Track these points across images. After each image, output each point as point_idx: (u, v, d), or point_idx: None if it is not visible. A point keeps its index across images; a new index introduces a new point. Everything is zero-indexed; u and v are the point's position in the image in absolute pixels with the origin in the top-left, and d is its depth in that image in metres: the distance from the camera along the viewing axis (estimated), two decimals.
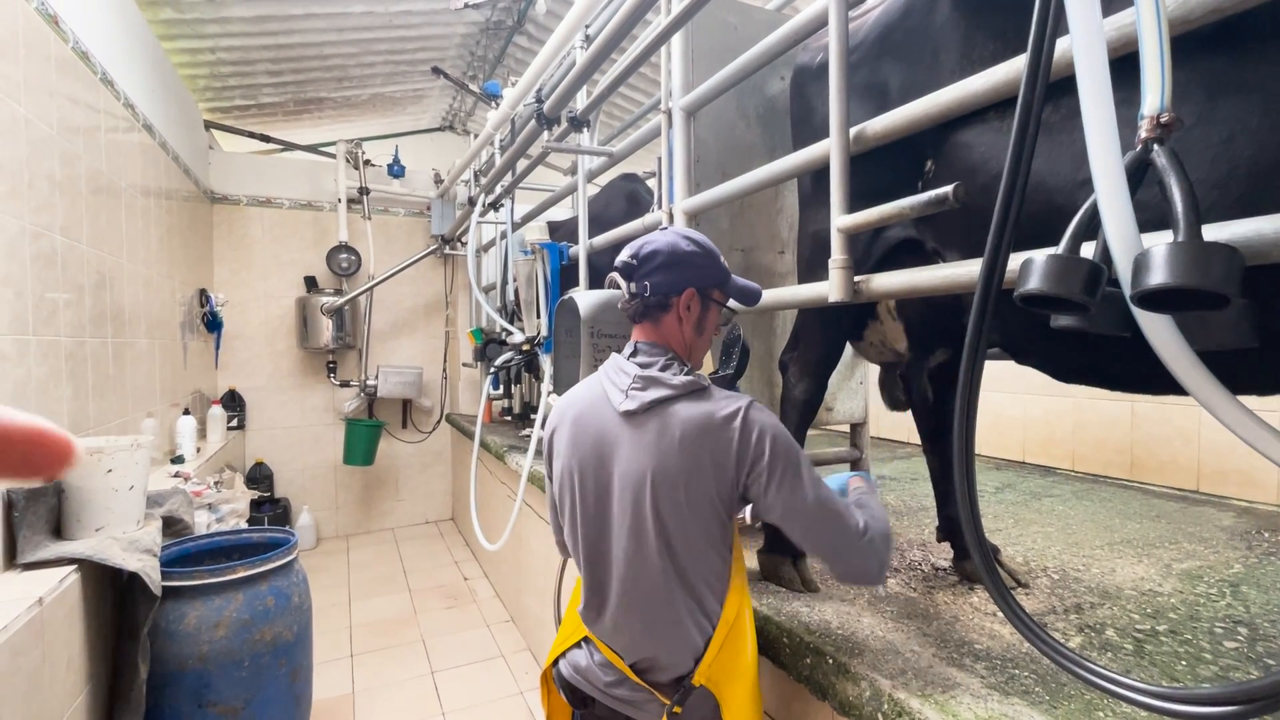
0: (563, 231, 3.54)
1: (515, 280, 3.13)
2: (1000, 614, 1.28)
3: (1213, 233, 0.70)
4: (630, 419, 1.06)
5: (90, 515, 1.78)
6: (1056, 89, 0.79)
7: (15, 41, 1.74)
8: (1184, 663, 1.13)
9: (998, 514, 2.17)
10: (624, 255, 1.12)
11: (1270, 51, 0.73)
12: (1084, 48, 0.68)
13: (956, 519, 1.54)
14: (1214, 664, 1.13)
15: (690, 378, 1.07)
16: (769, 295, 1.44)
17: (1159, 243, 0.60)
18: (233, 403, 4.38)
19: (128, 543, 1.78)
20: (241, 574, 1.94)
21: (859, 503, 1.13)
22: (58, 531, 1.76)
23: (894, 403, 1.84)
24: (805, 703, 1.20)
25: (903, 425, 3.75)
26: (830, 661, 1.12)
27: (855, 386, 2.19)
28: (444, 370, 5.24)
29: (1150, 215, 0.69)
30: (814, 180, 1.52)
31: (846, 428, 2.30)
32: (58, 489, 1.75)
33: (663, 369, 1.08)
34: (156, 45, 3.30)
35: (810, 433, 3.68)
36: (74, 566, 1.61)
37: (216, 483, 2.83)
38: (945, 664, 1.10)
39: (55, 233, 1.94)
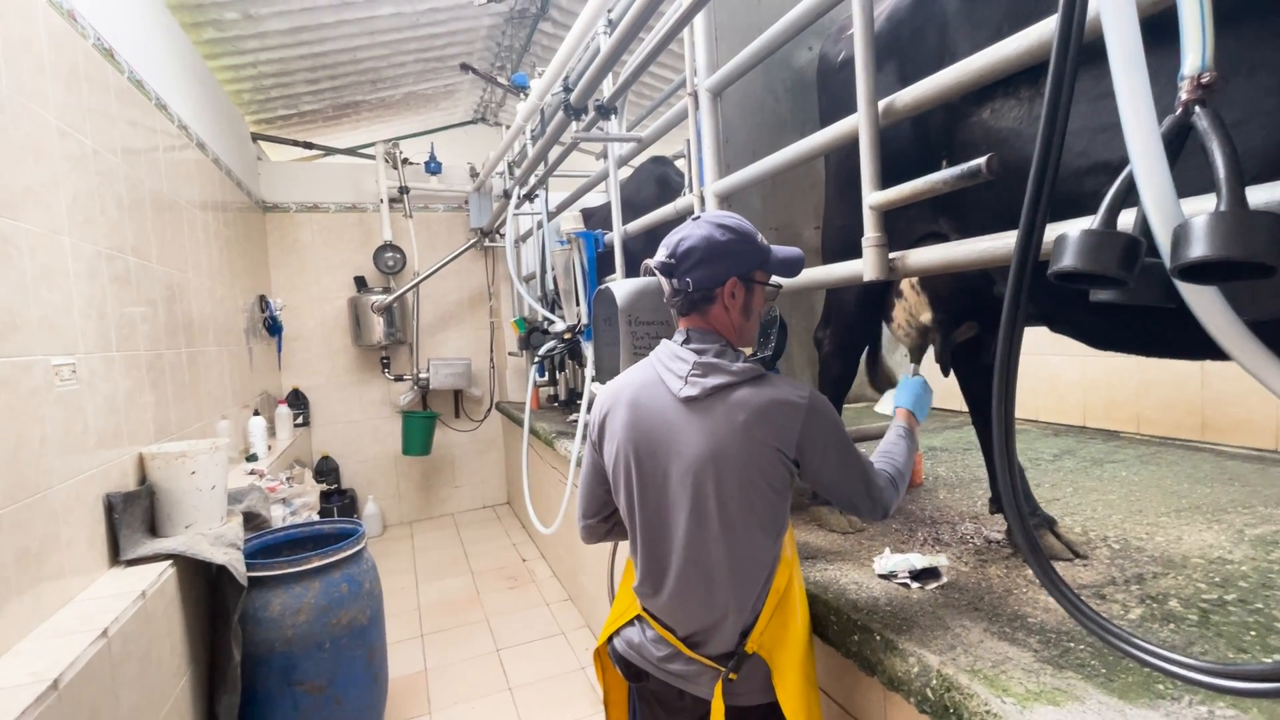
0: (597, 218, 3.56)
1: (553, 270, 3.18)
2: None
3: (1263, 194, 0.67)
4: (691, 405, 1.10)
5: (180, 514, 1.94)
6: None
7: (78, 76, 1.85)
8: (1253, 633, 1.10)
9: (1056, 483, 2.11)
10: (660, 255, 1.14)
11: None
12: (1111, 3, 0.65)
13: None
14: None
15: (749, 364, 1.10)
16: (804, 275, 1.43)
17: (1199, 212, 0.58)
18: (297, 401, 4.62)
19: (214, 538, 1.93)
20: (316, 564, 2.08)
21: (887, 450, 1.22)
22: (152, 530, 1.92)
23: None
24: (855, 677, 1.22)
25: (954, 395, 3.65)
26: (878, 638, 1.13)
27: (900, 361, 2.15)
28: (491, 360, 5.37)
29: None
30: (838, 186, 1.52)
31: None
32: (150, 491, 1.91)
33: (718, 355, 1.11)
34: (202, 65, 3.45)
35: (856, 406, 3.64)
36: (169, 561, 1.77)
37: (288, 478, 3.02)
38: (997, 638, 1.10)
39: (128, 254, 2.08)
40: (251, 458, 3.08)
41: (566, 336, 2.85)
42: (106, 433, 1.79)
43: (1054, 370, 3.08)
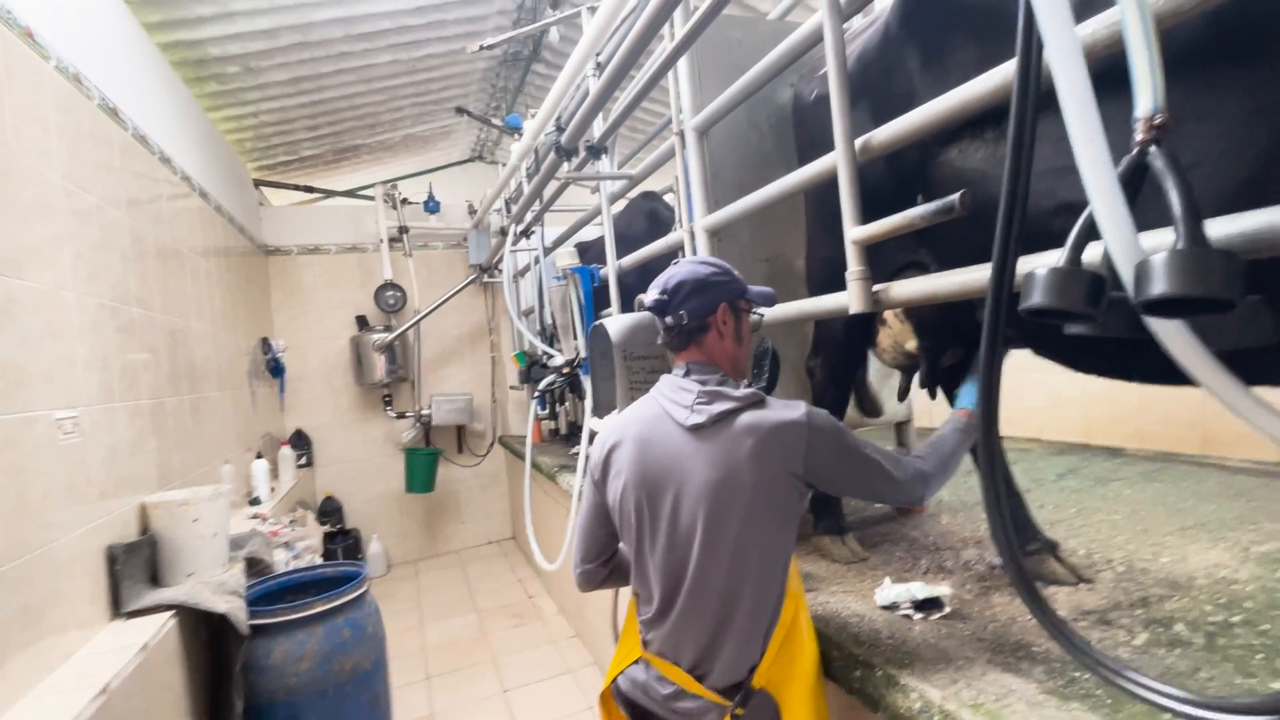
0: (592, 253, 3.61)
1: (551, 305, 3.21)
2: (1059, 612, 1.25)
3: (1222, 225, 0.69)
4: (698, 433, 1.12)
5: (182, 562, 1.93)
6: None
7: (83, 136, 1.91)
8: (1260, 655, 1.08)
9: (1059, 503, 2.10)
10: (653, 294, 1.19)
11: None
12: (1058, 51, 0.68)
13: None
14: None
15: (750, 390, 1.14)
16: (792, 307, 1.45)
17: (1159, 248, 0.60)
18: (300, 442, 4.63)
19: (216, 586, 1.93)
20: (319, 609, 2.06)
21: (935, 441, 1.24)
22: (154, 579, 1.91)
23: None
24: (860, 715, 1.20)
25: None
26: (880, 674, 1.12)
27: (890, 389, 2.16)
28: (493, 394, 5.39)
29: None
30: (821, 219, 1.55)
31: (891, 425, 2.26)
32: (152, 541, 1.91)
33: (720, 383, 1.15)
34: (204, 117, 3.55)
35: (857, 432, 3.63)
36: (171, 612, 1.76)
37: (291, 521, 3.01)
38: (1000, 670, 1.09)
39: (131, 305, 2.12)
40: (254, 501, 3.08)
41: (565, 370, 2.87)
42: (109, 484, 1.80)
43: (1054, 387, 3.07)
